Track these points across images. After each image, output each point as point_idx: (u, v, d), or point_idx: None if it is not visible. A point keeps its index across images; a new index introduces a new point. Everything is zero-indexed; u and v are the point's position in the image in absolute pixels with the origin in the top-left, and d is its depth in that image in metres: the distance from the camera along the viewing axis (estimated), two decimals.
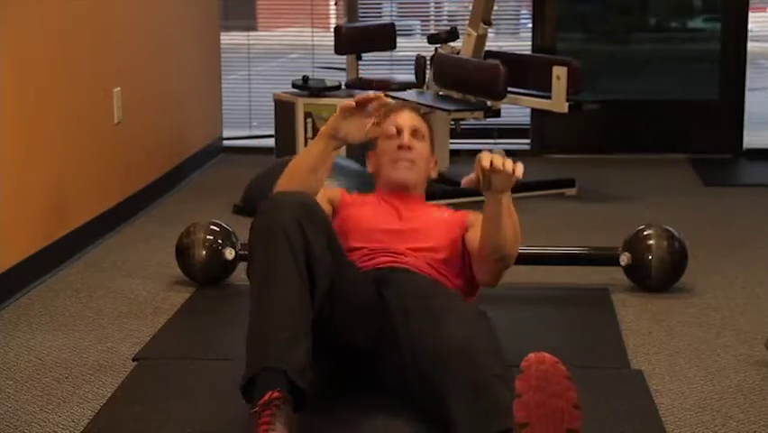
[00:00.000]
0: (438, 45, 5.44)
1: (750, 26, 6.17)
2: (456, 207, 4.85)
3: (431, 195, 4.92)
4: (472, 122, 5.33)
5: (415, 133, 2.94)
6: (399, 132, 2.91)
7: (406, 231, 2.87)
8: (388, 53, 6.00)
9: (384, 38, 5.72)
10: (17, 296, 3.50)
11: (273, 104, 5.85)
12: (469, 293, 2.87)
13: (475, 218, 2.91)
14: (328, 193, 2.91)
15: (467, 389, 2.24)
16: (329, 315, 2.46)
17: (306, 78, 5.75)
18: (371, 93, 2.74)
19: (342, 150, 5.35)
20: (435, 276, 2.76)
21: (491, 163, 2.46)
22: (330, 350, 2.57)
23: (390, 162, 2.94)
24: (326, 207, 2.78)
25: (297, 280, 2.36)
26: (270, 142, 5.95)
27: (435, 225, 2.93)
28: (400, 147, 2.92)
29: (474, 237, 2.80)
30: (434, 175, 3.07)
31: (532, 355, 1.95)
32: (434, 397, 2.34)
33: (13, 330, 3.21)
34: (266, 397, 2.19)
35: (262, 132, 6.48)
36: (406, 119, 2.95)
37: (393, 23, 5.89)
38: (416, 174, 2.98)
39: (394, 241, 2.82)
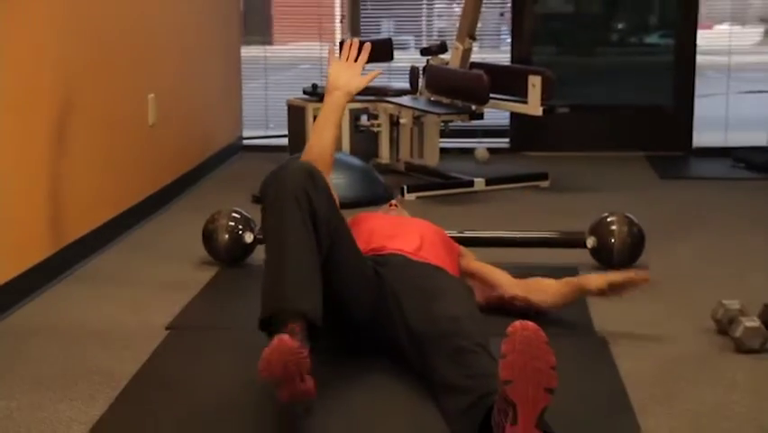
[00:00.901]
0: (430, 57, 5.44)
1: (698, 42, 6.17)
2: (442, 198, 4.88)
3: (421, 187, 4.95)
4: (459, 123, 5.32)
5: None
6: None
7: (400, 226, 2.89)
8: (386, 64, 5.99)
9: (382, 51, 5.71)
10: (66, 273, 3.51)
11: (287, 108, 5.86)
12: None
13: (465, 251, 3.07)
14: None
15: (454, 356, 2.25)
16: (330, 279, 2.41)
17: (314, 86, 5.76)
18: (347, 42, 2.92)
19: (347, 146, 5.38)
20: (430, 261, 2.74)
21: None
22: (332, 322, 2.55)
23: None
24: None
25: (306, 235, 2.33)
26: (284, 141, 5.96)
27: (428, 225, 2.96)
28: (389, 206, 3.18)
29: (474, 267, 3.01)
30: None
31: (517, 322, 1.95)
32: (427, 365, 2.35)
33: (61, 302, 3.22)
34: (287, 328, 2.16)
35: (277, 132, 6.48)
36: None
37: (390, 39, 5.88)
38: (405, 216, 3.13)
39: (389, 234, 2.82)
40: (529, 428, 1.86)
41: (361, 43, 2.88)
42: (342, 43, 2.95)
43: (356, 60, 2.86)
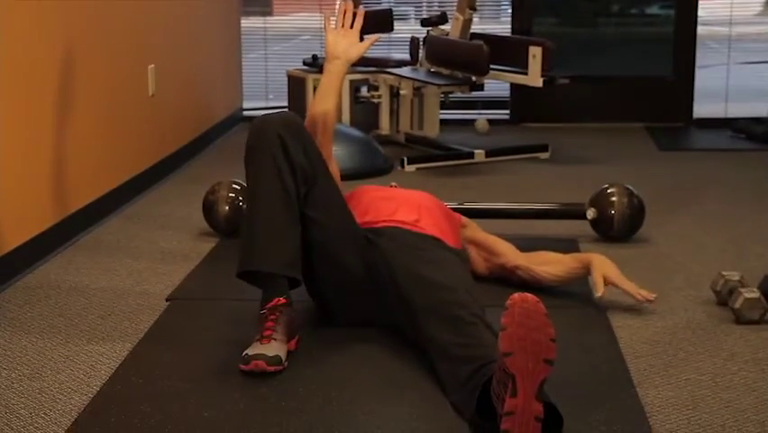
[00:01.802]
0: (430, 28, 5.41)
1: (699, 12, 6.13)
2: (442, 169, 4.87)
3: (421, 158, 4.94)
4: (459, 95, 5.30)
5: None
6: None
7: (398, 198, 2.87)
8: (386, 35, 5.96)
9: (383, 22, 5.68)
10: (66, 244, 3.51)
11: (287, 79, 5.83)
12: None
13: (467, 221, 3.04)
14: None
15: (452, 325, 2.25)
16: (311, 230, 2.50)
17: (315, 57, 5.73)
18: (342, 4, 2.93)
19: (347, 117, 5.36)
20: (427, 232, 2.73)
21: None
22: (324, 284, 2.58)
23: None
24: None
25: (280, 187, 2.43)
26: None
27: (426, 195, 2.94)
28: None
29: (479, 237, 3.00)
30: None
31: (516, 295, 1.94)
32: (422, 335, 2.34)
33: (62, 272, 3.22)
34: (273, 303, 2.41)
35: (277, 103, 6.45)
36: None
37: (391, 9, 5.85)
38: None
39: (387, 206, 2.79)
40: (529, 400, 1.86)
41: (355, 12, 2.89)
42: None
43: (351, 27, 2.84)
